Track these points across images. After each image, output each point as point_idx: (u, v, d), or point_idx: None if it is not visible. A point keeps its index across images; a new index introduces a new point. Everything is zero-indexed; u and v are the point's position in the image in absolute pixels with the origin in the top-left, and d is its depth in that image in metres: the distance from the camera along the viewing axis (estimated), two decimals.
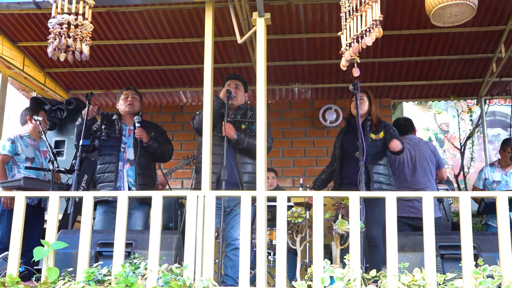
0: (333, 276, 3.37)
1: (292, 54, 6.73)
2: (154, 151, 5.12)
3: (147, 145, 5.03)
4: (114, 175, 4.98)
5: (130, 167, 5.06)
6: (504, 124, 10.82)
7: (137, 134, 4.99)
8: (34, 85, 7.11)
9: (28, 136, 5.63)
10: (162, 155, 5.28)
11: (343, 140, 5.18)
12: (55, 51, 3.58)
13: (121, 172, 5.03)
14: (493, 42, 6.42)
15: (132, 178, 5.03)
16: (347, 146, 5.08)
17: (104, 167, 5.06)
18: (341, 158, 5.13)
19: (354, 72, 3.33)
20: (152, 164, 5.29)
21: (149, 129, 5.16)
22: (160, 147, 5.15)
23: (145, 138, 5.00)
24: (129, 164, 5.07)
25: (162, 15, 5.79)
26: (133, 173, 5.04)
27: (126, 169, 5.05)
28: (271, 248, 5.61)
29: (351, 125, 5.12)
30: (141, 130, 5.00)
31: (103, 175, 5.04)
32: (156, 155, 5.21)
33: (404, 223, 5.25)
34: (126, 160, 5.08)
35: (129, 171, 5.05)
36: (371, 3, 3.23)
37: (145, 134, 5.01)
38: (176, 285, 3.40)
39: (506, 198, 3.54)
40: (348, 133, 5.15)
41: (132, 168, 5.06)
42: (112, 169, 5.01)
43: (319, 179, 5.34)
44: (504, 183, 6.18)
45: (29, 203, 5.02)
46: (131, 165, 5.06)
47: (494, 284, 3.26)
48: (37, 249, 3.60)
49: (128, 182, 5.02)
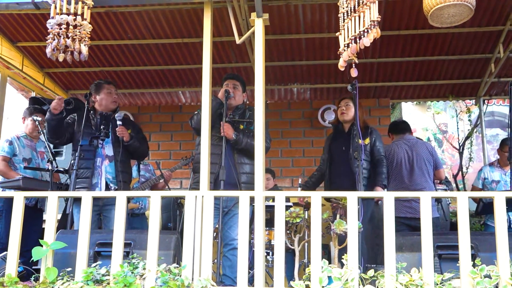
0: (331, 276, 3.38)
1: (291, 54, 6.73)
2: (134, 150, 5.08)
3: (128, 144, 4.97)
4: (91, 171, 4.85)
5: (109, 163, 4.96)
6: (502, 124, 10.83)
7: (119, 133, 4.91)
8: (33, 85, 7.11)
9: (25, 137, 5.64)
10: (141, 153, 5.27)
11: (330, 146, 5.32)
12: (54, 51, 3.59)
13: (98, 168, 4.90)
14: (491, 42, 6.43)
15: (111, 174, 4.93)
16: (333, 151, 5.24)
17: (80, 161, 4.79)
18: (329, 163, 5.27)
19: (352, 73, 3.33)
20: (129, 161, 5.22)
21: (128, 125, 5.09)
22: (140, 145, 5.12)
23: (126, 137, 4.94)
24: (108, 160, 4.96)
25: (161, 15, 5.79)
26: (112, 170, 4.94)
27: (104, 165, 4.94)
28: (269, 248, 5.61)
29: (338, 131, 5.31)
30: (123, 129, 4.93)
31: (80, 170, 4.81)
32: (134, 153, 5.17)
33: (401, 223, 5.26)
34: (105, 156, 4.96)
35: (108, 167, 4.94)
36: (369, 3, 3.23)
37: (126, 133, 4.94)
38: (175, 285, 3.40)
39: (503, 198, 3.55)
40: (335, 139, 5.33)
41: (111, 165, 4.95)
42: (88, 165, 4.85)
43: (309, 182, 5.48)
44: (503, 182, 6.20)
45: (26, 204, 5.00)
46: (110, 161, 4.96)
47: (492, 284, 3.27)
48: (35, 249, 3.60)
49: (106, 178, 4.92)
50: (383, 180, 5.01)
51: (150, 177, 6.27)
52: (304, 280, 3.48)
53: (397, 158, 5.58)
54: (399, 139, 5.80)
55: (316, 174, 5.45)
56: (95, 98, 5.13)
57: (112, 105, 5.15)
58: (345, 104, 5.23)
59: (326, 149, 5.38)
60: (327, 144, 5.43)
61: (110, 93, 5.15)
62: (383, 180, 5.01)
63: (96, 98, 5.13)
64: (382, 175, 5.02)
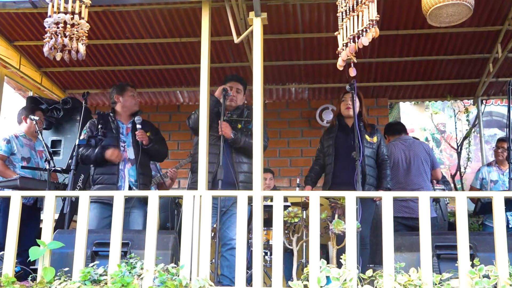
0: (329, 276, 3.37)
1: (289, 54, 6.72)
2: (154, 152, 5.09)
3: (148, 147, 4.98)
4: (116, 176, 4.87)
5: (131, 166, 4.97)
6: (500, 124, 10.85)
7: (139, 137, 4.92)
8: (31, 84, 7.10)
9: (24, 136, 5.62)
10: (160, 156, 5.27)
11: (336, 139, 5.08)
12: (51, 50, 3.56)
13: (122, 172, 4.92)
14: (489, 42, 6.43)
15: (133, 177, 4.95)
16: (339, 145, 5.01)
17: (102, 168, 4.90)
18: (334, 157, 5.04)
19: (350, 72, 3.32)
20: (148, 163, 5.25)
21: (147, 128, 5.10)
22: (160, 147, 5.12)
23: (145, 141, 4.95)
24: (130, 164, 4.97)
25: (158, 14, 5.78)
26: (134, 173, 4.95)
27: (127, 168, 4.95)
28: (267, 248, 5.60)
29: (343, 125, 5.10)
30: (142, 133, 4.94)
31: (102, 176, 4.89)
32: (154, 156, 5.20)
33: (399, 223, 5.25)
34: (127, 159, 4.98)
35: (130, 171, 4.96)
36: (367, 3, 3.22)
37: (146, 136, 4.96)
38: (172, 285, 3.39)
39: (502, 198, 3.54)
40: (340, 132, 5.09)
41: (133, 168, 4.97)
42: (113, 170, 4.88)
43: (312, 176, 5.24)
44: (501, 182, 6.20)
45: (24, 203, 5.00)
46: (132, 164, 4.98)
47: (490, 284, 3.26)
48: (33, 248, 3.58)
49: (129, 181, 4.93)
50: (388, 183, 4.88)
51: (156, 175, 6.24)
52: (302, 280, 3.47)
53: (394, 158, 5.58)
54: (396, 140, 5.80)
55: (317, 169, 5.24)
56: (118, 99, 5.14)
57: (135, 107, 5.17)
58: (351, 98, 5.01)
59: (330, 142, 5.11)
60: (329, 137, 5.15)
61: (133, 96, 5.18)
62: (388, 183, 4.89)
63: (119, 99, 5.14)
64: (387, 178, 4.91)
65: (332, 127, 5.23)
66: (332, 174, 4.99)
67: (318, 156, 5.27)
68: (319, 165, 5.24)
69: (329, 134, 5.19)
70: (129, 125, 5.11)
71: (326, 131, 5.30)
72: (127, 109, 5.14)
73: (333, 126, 5.23)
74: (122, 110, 5.14)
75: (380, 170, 4.98)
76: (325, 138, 5.22)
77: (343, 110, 5.11)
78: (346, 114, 5.10)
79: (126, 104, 5.13)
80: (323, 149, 5.19)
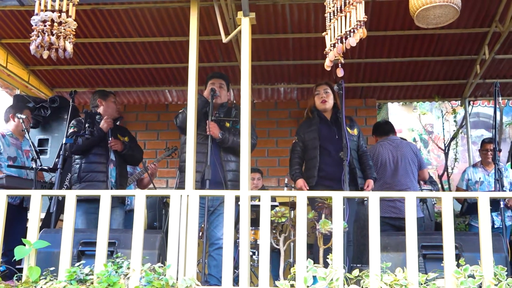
0: (316, 276, 3.37)
1: (278, 53, 6.73)
2: (128, 157, 5.36)
3: (122, 153, 5.26)
4: (105, 174, 5.09)
5: (113, 167, 5.22)
6: (487, 125, 10.93)
7: (112, 146, 5.17)
8: (18, 82, 7.05)
9: (11, 135, 5.57)
10: (135, 161, 5.57)
11: (319, 132, 4.97)
12: (38, 48, 3.54)
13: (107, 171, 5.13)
14: (477, 44, 6.48)
15: (114, 178, 5.19)
16: (323, 138, 4.93)
17: (91, 166, 5.10)
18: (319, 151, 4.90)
19: (338, 73, 3.33)
20: (126, 165, 5.52)
21: (124, 132, 5.44)
22: (133, 153, 5.38)
23: (119, 148, 5.22)
24: (112, 165, 5.21)
25: (147, 13, 5.77)
26: (115, 173, 5.21)
27: (110, 169, 5.16)
28: (255, 247, 5.60)
29: (322, 118, 5.04)
30: (115, 142, 5.21)
31: (90, 174, 5.07)
32: (128, 160, 5.45)
33: (386, 223, 5.27)
34: (110, 160, 5.20)
35: (112, 171, 5.19)
36: (355, 3, 3.23)
37: (119, 144, 5.21)
38: (159, 284, 3.38)
39: (487, 198, 3.57)
40: (323, 125, 5.00)
41: (114, 169, 5.23)
42: (102, 168, 5.11)
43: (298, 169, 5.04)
44: (486, 183, 6.24)
45: (10, 202, 4.96)
46: (114, 165, 5.23)
47: (475, 284, 3.28)
48: (18, 248, 3.55)
49: (109, 182, 5.11)
50: (373, 173, 4.97)
51: (134, 172, 6.26)
52: (289, 280, 3.48)
53: (382, 158, 5.60)
54: (384, 140, 5.82)
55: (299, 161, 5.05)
56: (100, 103, 5.37)
57: (116, 113, 5.41)
58: (324, 91, 5.03)
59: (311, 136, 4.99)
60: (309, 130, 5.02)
61: (115, 103, 5.43)
62: (373, 172, 4.97)
63: (102, 103, 5.37)
64: (371, 168, 4.99)
65: (311, 119, 5.11)
66: (318, 168, 4.86)
67: (296, 150, 5.09)
68: (299, 158, 5.07)
69: (310, 127, 5.06)
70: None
71: (305, 124, 5.16)
72: (109, 114, 5.33)
73: (310, 118, 5.12)
74: (104, 114, 5.31)
75: (363, 162, 5.03)
76: (305, 131, 5.08)
77: (318, 104, 5.06)
78: (321, 108, 5.06)
79: (108, 110, 5.35)
80: (305, 141, 5.05)
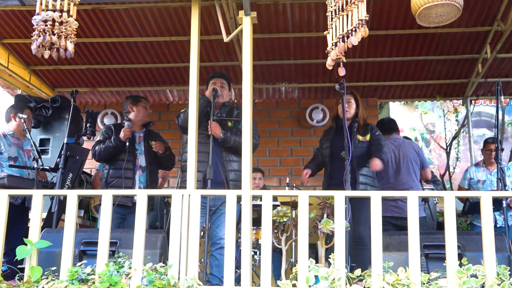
0: (318, 276, 3.37)
1: (279, 53, 6.73)
2: (166, 161, 5.38)
3: (164, 155, 5.27)
4: (132, 181, 5.13)
5: (142, 173, 5.23)
6: (489, 125, 10.92)
7: (156, 148, 5.17)
8: (19, 82, 7.05)
9: (12, 135, 5.56)
10: (171, 164, 5.55)
11: (332, 141, 5.14)
12: (39, 48, 3.54)
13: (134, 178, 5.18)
14: (478, 43, 6.46)
15: (143, 184, 5.20)
16: (335, 147, 5.03)
17: (118, 172, 5.12)
18: (330, 158, 5.09)
19: (339, 72, 3.32)
20: (157, 171, 5.54)
21: (155, 136, 5.41)
22: (172, 155, 5.41)
23: (162, 150, 5.22)
24: (140, 171, 5.23)
25: (148, 13, 5.76)
26: (144, 180, 5.21)
27: (138, 175, 5.21)
28: (256, 247, 5.60)
29: (339, 127, 5.09)
30: (159, 144, 5.21)
31: (117, 179, 5.11)
32: (165, 164, 5.46)
33: (388, 223, 5.26)
34: (138, 166, 5.22)
35: (141, 177, 5.21)
36: (357, 2, 3.22)
37: (162, 146, 5.22)
38: (161, 284, 3.38)
39: (490, 198, 3.56)
40: (337, 134, 5.09)
41: (143, 175, 5.23)
42: (129, 175, 5.14)
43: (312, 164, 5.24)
44: (488, 182, 6.22)
45: (12, 202, 4.97)
46: (143, 171, 5.24)
47: (478, 284, 3.28)
48: (20, 248, 3.55)
49: (139, 187, 5.15)
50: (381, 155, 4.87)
51: None
52: (291, 280, 3.47)
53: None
54: (386, 139, 5.80)
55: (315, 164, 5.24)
56: (131, 109, 5.39)
57: (147, 118, 5.44)
58: (347, 100, 5.07)
59: (327, 144, 5.16)
60: (327, 139, 5.22)
61: (146, 108, 5.44)
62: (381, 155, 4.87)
63: (133, 109, 5.39)
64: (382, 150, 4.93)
65: (330, 128, 5.31)
66: (329, 176, 5.07)
67: (316, 155, 5.33)
68: (316, 163, 5.27)
69: (327, 135, 5.28)
70: (141, 134, 5.38)
71: (325, 133, 5.38)
72: (140, 119, 5.38)
73: (331, 127, 5.30)
74: (135, 119, 5.34)
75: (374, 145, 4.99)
76: (324, 139, 5.30)
77: (340, 113, 5.07)
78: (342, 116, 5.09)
79: (139, 115, 5.37)
80: (322, 149, 5.26)
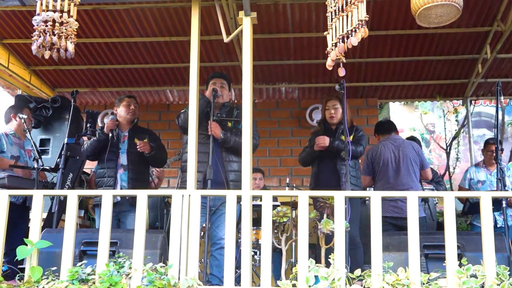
0: (318, 276, 3.37)
1: (279, 53, 6.73)
2: (152, 160, 5.34)
3: (150, 155, 5.22)
4: (113, 179, 5.14)
5: (124, 171, 5.22)
6: (489, 125, 10.92)
7: (140, 148, 5.14)
8: (19, 83, 7.05)
9: (13, 135, 5.57)
10: (160, 162, 5.52)
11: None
12: (40, 48, 3.54)
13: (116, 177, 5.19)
14: (478, 43, 6.47)
15: (125, 182, 5.18)
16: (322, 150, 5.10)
17: (103, 171, 5.19)
18: (318, 161, 5.19)
19: (339, 72, 3.33)
20: (146, 170, 5.49)
21: (143, 134, 5.33)
22: (159, 155, 5.35)
23: (147, 150, 5.18)
24: (122, 169, 5.23)
25: (148, 13, 5.77)
26: (126, 178, 5.20)
27: (119, 173, 5.21)
28: (256, 247, 5.60)
29: (328, 129, 5.23)
30: (144, 144, 5.17)
31: (102, 179, 5.19)
32: (153, 163, 5.46)
33: (388, 223, 5.26)
34: (120, 165, 5.23)
35: (123, 176, 5.21)
36: (357, 3, 3.22)
37: (147, 146, 5.18)
38: (161, 284, 3.38)
39: (489, 198, 3.56)
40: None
41: (125, 173, 5.22)
42: (111, 174, 5.17)
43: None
44: (488, 182, 6.23)
45: (13, 202, 4.98)
46: (124, 170, 5.23)
47: (478, 284, 3.28)
48: (20, 248, 3.56)
49: (121, 186, 5.15)
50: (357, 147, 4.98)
51: None
52: (291, 280, 3.48)
53: (384, 158, 5.58)
54: (386, 139, 5.80)
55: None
56: (115, 111, 5.43)
57: (129, 116, 5.36)
58: (333, 106, 5.18)
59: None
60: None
61: (128, 106, 5.37)
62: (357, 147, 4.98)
63: (116, 110, 5.42)
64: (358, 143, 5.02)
65: (318, 131, 5.34)
66: (316, 176, 5.18)
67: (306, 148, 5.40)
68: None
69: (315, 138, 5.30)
70: (125, 133, 5.34)
71: (314, 135, 5.37)
72: (123, 118, 5.36)
73: (319, 130, 5.35)
74: (120, 119, 5.38)
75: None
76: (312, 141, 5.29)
77: (328, 118, 5.26)
78: (330, 122, 5.26)
79: (121, 114, 5.36)
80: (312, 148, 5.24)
